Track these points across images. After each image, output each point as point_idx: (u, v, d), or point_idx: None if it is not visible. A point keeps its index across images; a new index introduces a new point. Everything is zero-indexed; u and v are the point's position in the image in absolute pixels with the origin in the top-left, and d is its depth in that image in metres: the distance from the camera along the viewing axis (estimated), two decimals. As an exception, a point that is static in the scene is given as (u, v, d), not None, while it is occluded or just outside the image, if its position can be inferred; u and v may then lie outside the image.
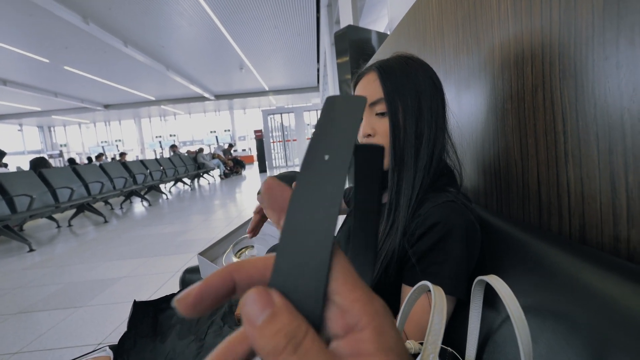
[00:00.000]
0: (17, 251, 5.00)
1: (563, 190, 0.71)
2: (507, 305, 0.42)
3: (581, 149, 0.65)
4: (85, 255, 4.46)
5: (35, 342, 2.41)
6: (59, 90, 18.75)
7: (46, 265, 4.20)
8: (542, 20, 0.70)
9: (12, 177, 5.63)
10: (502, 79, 0.88)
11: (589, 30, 0.59)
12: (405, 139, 0.83)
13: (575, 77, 0.63)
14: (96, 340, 2.35)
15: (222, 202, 8.27)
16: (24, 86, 16.86)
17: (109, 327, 2.52)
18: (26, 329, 2.60)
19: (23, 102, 20.46)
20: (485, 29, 0.94)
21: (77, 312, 2.82)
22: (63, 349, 2.28)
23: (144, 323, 1.05)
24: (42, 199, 5.94)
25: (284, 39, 13.32)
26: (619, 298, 0.45)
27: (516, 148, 0.86)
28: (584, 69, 0.61)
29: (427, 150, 0.84)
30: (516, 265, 0.68)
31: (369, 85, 0.88)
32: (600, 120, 0.59)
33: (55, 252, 4.79)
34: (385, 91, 0.84)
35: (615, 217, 0.60)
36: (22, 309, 2.98)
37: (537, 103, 0.75)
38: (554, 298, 0.54)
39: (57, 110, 23.77)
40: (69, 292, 3.27)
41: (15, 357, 2.23)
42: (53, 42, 11.52)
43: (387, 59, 0.90)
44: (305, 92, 24.31)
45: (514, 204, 0.91)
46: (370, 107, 0.88)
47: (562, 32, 0.65)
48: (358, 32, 3.53)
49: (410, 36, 1.60)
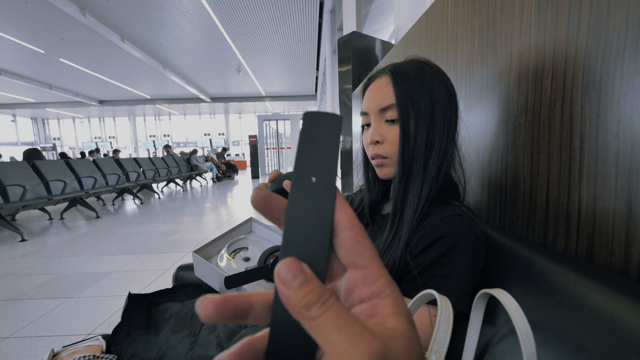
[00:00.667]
0: (9, 240, 5.06)
1: (573, 209, 0.69)
2: (513, 320, 0.41)
3: (597, 168, 0.63)
4: (76, 248, 4.50)
5: (26, 328, 2.48)
6: (54, 82, 18.63)
7: (38, 255, 4.26)
8: (569, 30, 0.68)
9: (5, 167, 5.68)
10: (517, 91, 0.86)
11: (620, 42, 0.57)
12: (416, 148, 0.81)
13: (600, 92, 0.61)
14: (85, 331, 2.40)
15: (213, 205, 8.27)
16: (18, 76, 16.74)
17: (99, 318, 2.58)
18: (17, 316, 2.67)
19: (17, 93, 20.29)
20: (504, 38, 0.92)
21: (67, 303, 2.88)
22: (53, 337, 2.35)
23: (138, 315, 1.05)
24: (35, 190, 6.02)
25: (284, 44, 13.33)
26: (630, 320, 0.43)
27: (526, 164, 0.84)
28: (611, 83, 0.59)
29: (437, 161, 0.81)
30: (520, 281, 0.67)
31: (381, 89, 0.85)
32: (622, 137, 0.57)
33: (47, 243, 4.85)
34: (398, 97, 0.81)
35: (628, 238, 0.58)
36: (13, 296, 3.05)
37: (554, 118, 0.73)
38: (559, 316, 0.53)
39: (52, 102, 23.58)
40: (59, 282, 3.33)
41: (6, 342, 2.30)
42: (49, 33, 11.43)
43: (401, 62, 0.87)
44: (302, 100, 24.32)
45: (518, 221, 0.89)
46: (381, 113, 0.86)
47: (589, 43, 0.63)
48: (362, 40, 3.51)
49: (420, 44, 1.58)
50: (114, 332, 1.00)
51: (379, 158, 0.87)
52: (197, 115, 30.55)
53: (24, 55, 13.75)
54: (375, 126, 0.87)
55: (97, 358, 0.91)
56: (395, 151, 0.84)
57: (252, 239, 1.54)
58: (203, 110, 28.55)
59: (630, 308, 0.44)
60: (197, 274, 1.35)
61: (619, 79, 0.57)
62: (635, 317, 0.43)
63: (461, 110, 0.88)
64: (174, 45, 13.24)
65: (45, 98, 22.18)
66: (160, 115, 29.88)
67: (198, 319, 0.99)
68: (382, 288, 0.22)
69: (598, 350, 0.43)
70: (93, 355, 0.91)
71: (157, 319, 1.05)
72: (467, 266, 0.71)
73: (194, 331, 0.95)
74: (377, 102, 0.85)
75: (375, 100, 0.86)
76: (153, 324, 1.03)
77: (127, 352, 0.94)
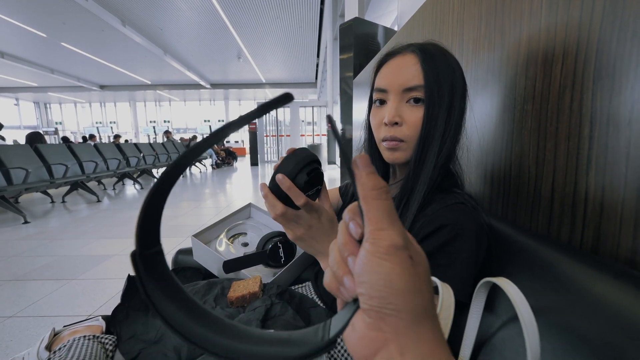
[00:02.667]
0: (12, 222, 5.09)
1: (579, 199, 0.68)
2: (517, 308, 0.40)
3: (607, 156, 0.61)
4: (78, 231, 4.52)
5: (29, 308, 2.51)
6: (56, 67, 18.64)
7: (40, 237, 4.28)
8: (583, 12, 0.65)
9: (8, 149, 5.70)
10: (525, 78, 0.83)
11: (637, 24, 0.54)
12: (435, 133, 0.79)
13: (613, 77, 0.59)
14: (86, 312, 2.43)
15: (212, 192, 8.29)
16: (21, 60, 16.75)
17: (100, 300, 2.60)
18: (20, 296, 2.70)
19: (20, 77, 20.36)
20: (513, 21, 0.89)
21: (69, 284, 2.91)
22: (55, 317, 2.37)
23: (137, 297, 1.05)
24: (37, 173, 6.05)
25: (285, 30, 13.28)
26: (636, 310, 0.42)
27: (532, 153, 0.82)
28: (626, 68, 0.56)
29: (449, 149, 0.80)
30: (522, 270, 0.65)
31: (406, 67, 0.81)
32: (635, 125, 0.55)
33: (49, 225, 4.88)
34: (427, 78, 0.77)
35: (636, 228, 0.56)
36: (16, 277, 3.09)
37: (563, 105, 0.71)
38: (563, 306, 0.52)
39: (54, 87, 23.67)
40: (61, 264, 3.36)
41: (10, 320, 2.33)
42: (51, 17, 11.39)
43: (425, 44, 0.84)
44: (302, 87, 24.31)
45: (521, 211, 0.87)
46: (403, 93, 0.81)
47: (604, 26, 0.60)
48: (364, 26, 3.47)
49: (425, 29, 1.55)
50: (113, 313, 1.00)
51: (393, 141, 0.83)
52: (197, 102, 30.59)
53: (27, 39, 13.73)
54: (395, 106, 0.82)
55: (96, 338, 0.91)
56: (413, 135, 0.81)
57: (250, 224, 1.53)
58: (203, 97, 28.59)
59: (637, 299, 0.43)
60: (195, 258, 1.35)
61: (634, 64, 0.55)
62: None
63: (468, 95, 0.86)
64: (175, 31, 13.20)
65: (47, 82, 22.20)
66: (160, 101, 29.91)
67: None
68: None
69: (601, 340, 0.43)
70: (93, 335, 0.91)
71: (156, 301, 1.04)
72: (469, 256, 0.70)
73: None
74: (402, 81, 0.81)
75: (400, 79, 0.81)
76: (152, 307, 1.03)
77: (126, 333, 0.94)
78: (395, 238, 0.27)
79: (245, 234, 1.50)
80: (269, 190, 0.73)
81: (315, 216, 0.76)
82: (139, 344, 0.90)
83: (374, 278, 0.27)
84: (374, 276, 0.27)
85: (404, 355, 0.27)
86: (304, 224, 0.76)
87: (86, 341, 0.88)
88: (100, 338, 0.92)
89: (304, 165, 0.71)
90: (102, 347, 0.89)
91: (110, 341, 0.93)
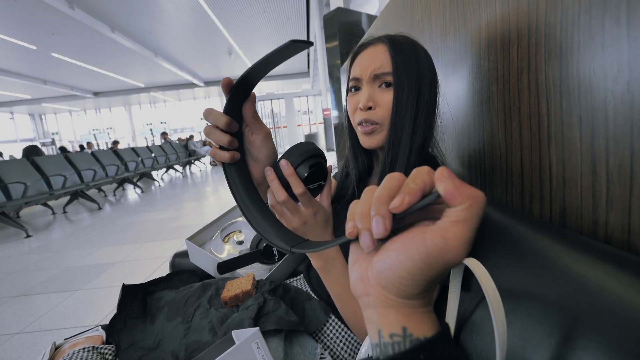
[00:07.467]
0: (14, 237, 5.09)
1: (545, 174, 0.70)
2: (483, 287, 0.42)
3: (564, 132, 0.63)
4: (80, 241, 4.53)
5: (35, 323, 2.49)
6: (48, 77, 18.58)
7: (43, 250, 4.30)
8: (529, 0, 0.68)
9: (6, 165, 5.72)
10: (488, 61, 0.86)
11: (575, 8, 0.57)
12: (406, 114, 0.83)
13: (561, 58, 0.61)
14: (93, 322, 2.42)
15: (213, 189, 8.32)
16: (12, 74, 16.70)
17: (106, 309, 2.59)
18: (26, 311, 2.70)
19: (13, 90, 20.30)
20: (472, 8, 0.92)
21: (74, 295, 2.91)
22: (62, 330, 2.37)
23: (134, 305, 1.06)
24: (36, 186, 6.05)
25: (273, 23, 13.21)
26: (592, 279, 0.44)
27: (500, 132, 0.85)
28: (570, 50, 0.59)
29: (422, 132, 0.84)
30: (496, 248, 0.67)
31: (376, 56, 0.87)
32: (584, 102, 0.58)
33: (52, 237, 4.89)
34: (394, 65, 0.83)
35: (594, 200, 0.59)
36: (21, 292, 3.08)
37: (522, 85, 0.73)
38: (530, 280, 0.54)
39: (47, 98, 23.59)
40: (66, 276, 3.36)
41: (16, 337, 2.32)
42: (39, 29, 11.37)
43: (394, 35, 0.90)
44: (295, 78, 24.18)
45: (497, 188, 0.90)
46: (374, 79, 0.87)
47: (548, 11, 0.63)
48: (347, 15, 3.48)
49: (398, 17, 1.57)
50: (110, 323, 1.01)
51: (369, 124, 0.88)
52: (192, 100, 30.44)
53: (17, 53, 13.69)
54: (368, 91, 0.87)
55: (96, 349, 0.92)
56: (386, 116, 0.85)
57: (244, 222, 1.54)
58: (197, 95, 28.45)
59: (593, 267, 0.46)
60: (192, 260, 1.37)
61: (576, 46, 0.58)
62: (598, 275, 0.44)
63: (439, 80, 0.90)
64: (164, 32, 13.14)
65: (40, 94, 22.14)
66: (155, 102, 29.76)
67: (191, 306, 1.01)
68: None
69: (562, 308, 0.44)
70: (92, 347, 0.92)
71: (152, 308, 1.06)
72: None
73: (187, 318, 0.96)
74: (373, 68, 0.86)
75: (372, 66, 0.86)
76: (148, 313, 1.04)
77: (125, 342, 0.95)
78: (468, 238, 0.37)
79: (239, 232, 1.51)
80: (276, 176, 0.72)
81: (311, 212, 0.76)
82: (138, 351, 0.92)
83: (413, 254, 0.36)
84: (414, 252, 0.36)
85: (377, 307, 0.38)
86: (299, 218, 0.76)
87: (85, 353, 0.89)
88: (100, 349, 0.93)
89: (307, 157, 0.71)
90: (101, 357, 0.90)
91: (110, 351, 0.94)
